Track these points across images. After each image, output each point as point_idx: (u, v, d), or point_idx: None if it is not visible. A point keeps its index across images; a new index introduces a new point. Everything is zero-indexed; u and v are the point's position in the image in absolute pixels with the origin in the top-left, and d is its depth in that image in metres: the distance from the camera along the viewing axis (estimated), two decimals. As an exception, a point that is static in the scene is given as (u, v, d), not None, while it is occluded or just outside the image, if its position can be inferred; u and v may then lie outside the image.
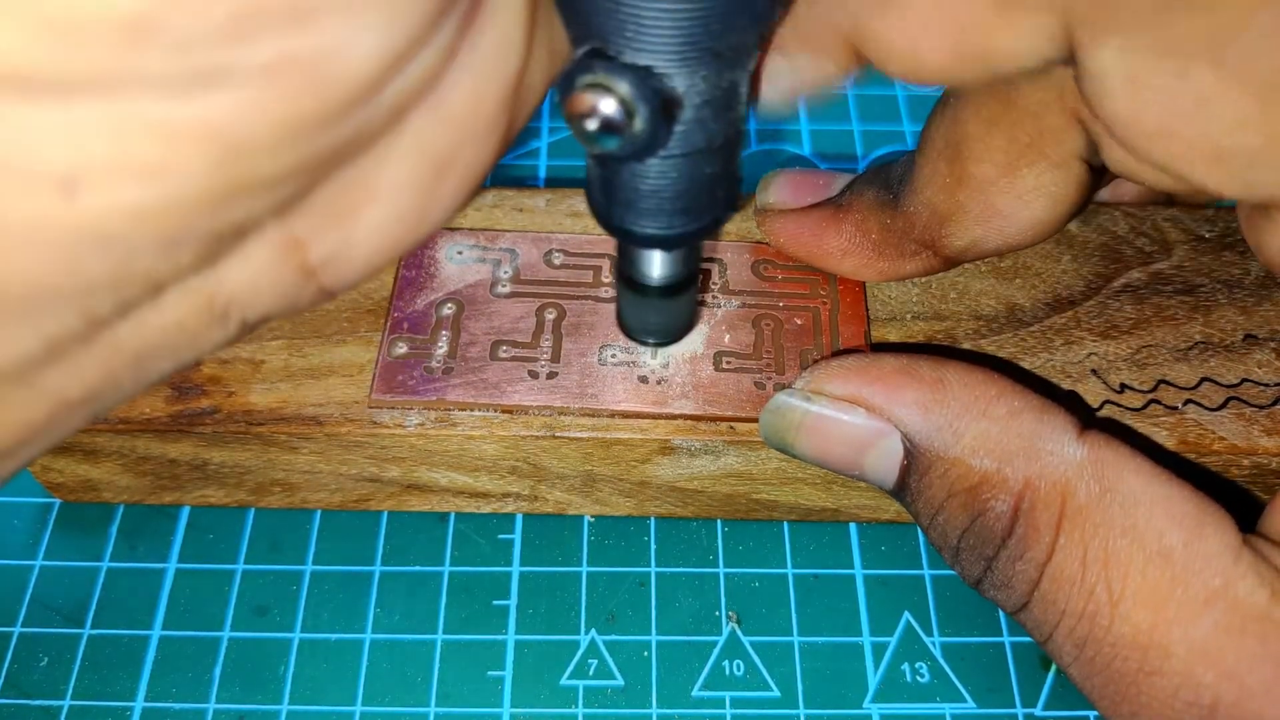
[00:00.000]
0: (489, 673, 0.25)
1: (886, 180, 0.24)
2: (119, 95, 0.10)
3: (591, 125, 0.15)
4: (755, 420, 0.23)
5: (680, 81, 0.15)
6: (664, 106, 0.15)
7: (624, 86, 0.14)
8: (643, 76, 0.14)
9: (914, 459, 0.20)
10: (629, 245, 0.20)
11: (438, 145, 0.14)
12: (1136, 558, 0.18)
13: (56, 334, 0.12)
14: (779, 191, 0.26)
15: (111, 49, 0.10)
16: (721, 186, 0.17)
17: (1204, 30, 0.16)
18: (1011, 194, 0.22)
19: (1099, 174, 0.22)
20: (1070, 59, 0.18)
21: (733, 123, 0.16)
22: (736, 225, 0.27)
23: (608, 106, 0.14)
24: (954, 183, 0.22)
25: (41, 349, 0.12)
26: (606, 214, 0.18)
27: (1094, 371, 0.25)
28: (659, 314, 0.21)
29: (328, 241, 0.14)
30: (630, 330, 0.23)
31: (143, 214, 0.11)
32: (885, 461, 0.21)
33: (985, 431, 0.19)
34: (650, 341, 0.23)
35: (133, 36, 0.10)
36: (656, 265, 0.20)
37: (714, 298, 0.26)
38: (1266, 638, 0.17)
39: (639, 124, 0.15)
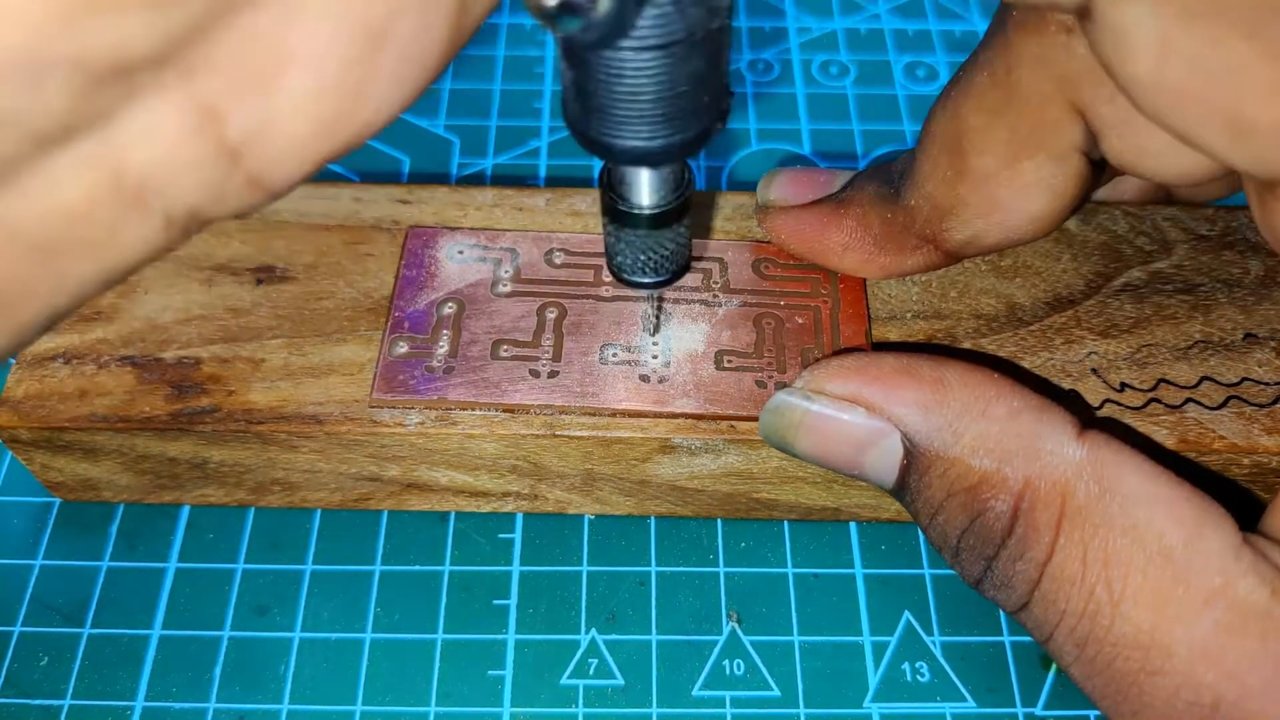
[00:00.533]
0: (489, 672, 0.25)
1: (888, 175, 0.24)
2: None
3: (550, 2, 0.13)
4: (756, 419, 0.23)
5: None
6: None
7: None
8: None
9: (914, 458, 0.20)
10: (610, 163, 0.18)
11: (365, 5, 0.13)
12: (1137, 557, 0.18)
13: None
14: (780, 189, 0.26)
15: None
16: (708, 90, 0.16)
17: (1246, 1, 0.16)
18: (1012, 187, 0.22)
19: (1098, 168, 0.22)
20: (1083, 9, 0.18)
21: (715, 12, 0.14)
22: (737, 225, 0.27)
23: None
24: (955, 176, 0.22)
25: None
26: (583, 125, 0.16)
27: (1094, 370, 0.25)
28: (651, 249, 0.20)
29: (246, 113, 0.13)
30: (622, 271, 0.21)
31: None
32: (885, 461, 0.21)
33: (985, 431, 0.19)
34: (645, 281, 0.21)
35: None
36: (644, 190, 0.18)
37: (715, 296, 0.26)
38: (1267, 636, 0.17)
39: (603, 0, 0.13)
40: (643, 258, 0.20)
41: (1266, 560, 0.18)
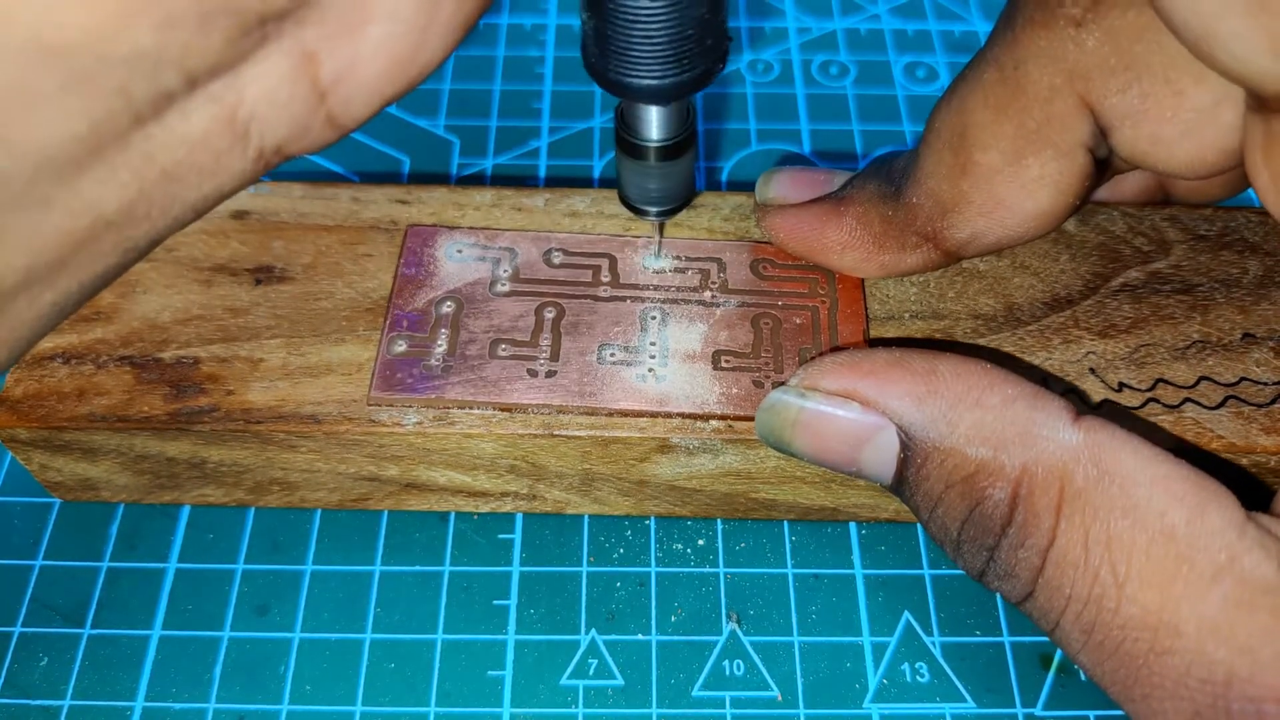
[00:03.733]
0: (489, 672, 0.25)
1: (889, 173, 0.24)
2: None
3: None
4: (753, 418, 0.23)
5: None
6: None
7: None
8: None
9: (910, 452, 0.20)
10: (626, 100, 0.20)
11: None
12: (1139, 538, 0.18)
13: (101, 117, 0.13)
14: (779, 187, 0.26)
15: None
16: (711, 34, 0.18)
17: None
18: (1016, 183, 0.22)
19: (1101, 168, 0.22)
20: None
21: None
22: (735, 225, 0.27)
23: None
24: (958, 171, 0.22)
25: (86, 132, 0.13)
26: (603, 69, 0.19)
27: (1092, 370, 0.25)
28: (659, 179, 0.22)
29: (337, 56, 0.15)
30: (631, 201, 0.23)
31: None
32: (881, 455, 0.21)
33: (980, 420, 0.19)
34: (652, 212, 0.23)
35: None
36: (654, 125, 0.21)
37: (713, 296, 0.26)
38: (1277, 610, 0.17)
39: None
40: (650, 187, 0.22)
41: (1271, 535, 0.18)
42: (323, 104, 0.16)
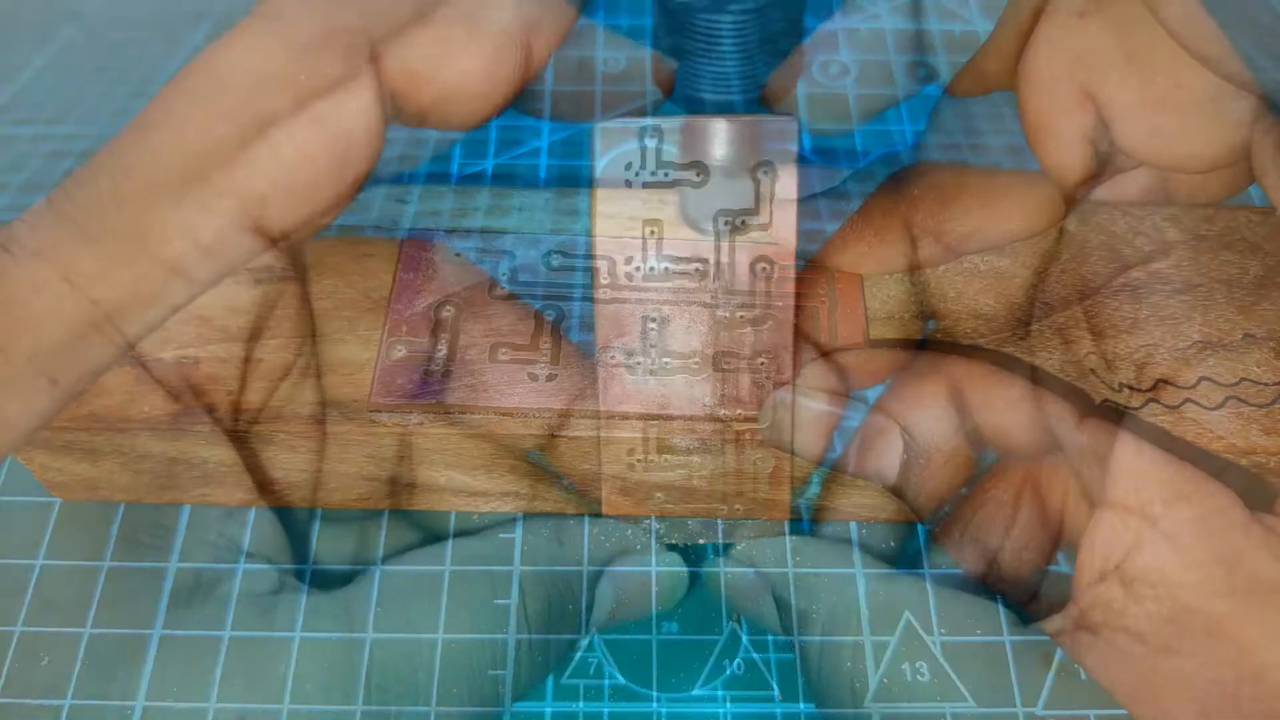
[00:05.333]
0: (489, 672, 0.25)
1: (890, 167, 0.25)
2: None
3: None
4: (754, 420, 0.24)
5: None
6: None
7: None
8: None
9: (914, 453, 0.20)
10: None
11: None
12: (1145, 540, 0.18)
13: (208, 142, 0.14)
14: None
15: None
16: None
17: None
18: (1017, 174, 0.22)
19: (1102, 163, 0.22)
20: None
21: None
22: (735, 225, 0.27)
23: None
24: (960, 164, 0.23)
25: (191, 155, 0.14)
26: None
27: (1092, 371, 0.25)
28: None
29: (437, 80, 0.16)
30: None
31: None
32: (885, 458, 0.21)
33: (984, 422, 0.19)
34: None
35: None
36: None
37: (712, 298, 0.26)
38: None
39: None
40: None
41: (1276, 534, 0.18)
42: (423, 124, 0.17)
